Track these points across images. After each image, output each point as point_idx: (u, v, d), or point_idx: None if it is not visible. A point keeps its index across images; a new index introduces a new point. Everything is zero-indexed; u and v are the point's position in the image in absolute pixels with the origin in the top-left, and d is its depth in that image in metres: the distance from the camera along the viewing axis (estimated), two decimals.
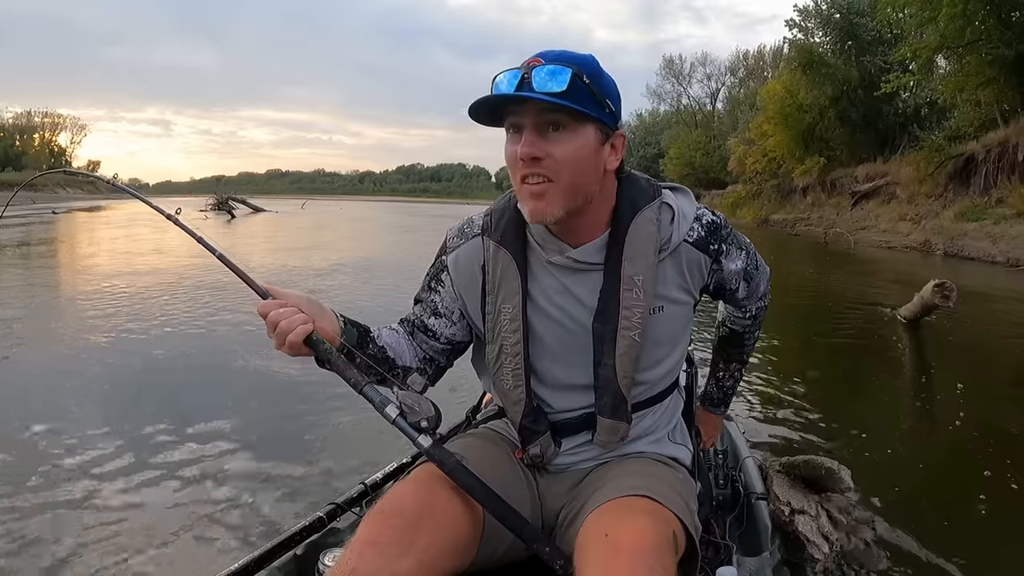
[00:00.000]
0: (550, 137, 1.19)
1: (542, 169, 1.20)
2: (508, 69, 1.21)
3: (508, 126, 1.24)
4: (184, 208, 2.26)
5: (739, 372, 1.78)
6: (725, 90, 57.62)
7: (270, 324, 1.21)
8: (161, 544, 2.49)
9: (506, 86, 1.19)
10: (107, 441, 3.42)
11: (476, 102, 1.20)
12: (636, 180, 1.35)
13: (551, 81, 1.16)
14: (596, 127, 1.22)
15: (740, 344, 1.70)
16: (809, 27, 28.52)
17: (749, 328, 1.65)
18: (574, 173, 1.21)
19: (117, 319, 6.62)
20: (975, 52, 18.38)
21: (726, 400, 1.82)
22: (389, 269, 11.86)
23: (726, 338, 1.71)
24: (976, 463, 3.37)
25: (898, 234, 19.49)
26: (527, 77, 1.17)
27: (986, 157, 17.46)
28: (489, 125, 1.27)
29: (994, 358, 6.03)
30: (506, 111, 1.23)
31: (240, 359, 5.15)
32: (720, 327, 1.71)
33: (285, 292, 1.27)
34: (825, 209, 26.45)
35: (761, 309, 1.61)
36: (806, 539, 2.17)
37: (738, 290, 1.48)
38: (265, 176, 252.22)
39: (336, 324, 1.30)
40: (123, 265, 11.52)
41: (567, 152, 1.19)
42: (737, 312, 1.61)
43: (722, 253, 1.38)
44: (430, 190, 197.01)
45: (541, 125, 1.19)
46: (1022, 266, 12.47)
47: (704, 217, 1.36)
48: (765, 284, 1.56)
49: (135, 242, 16.59)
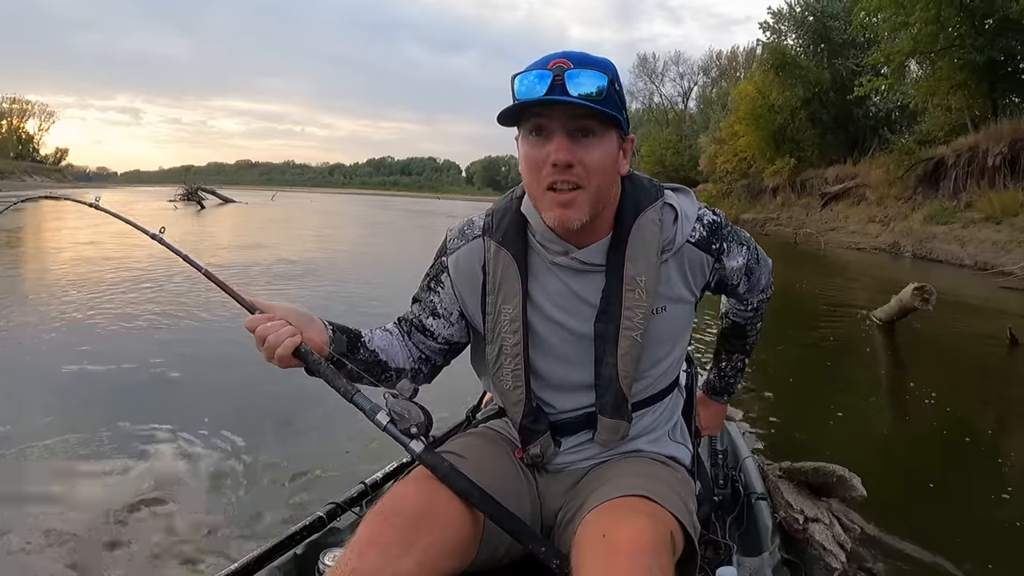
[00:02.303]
0: (581, 143, 1.19)
1: (572, 176, 1.19)
2: (530, 69, 1.19)
3: (531, 129, 1.22)
4: (153, 198, 2.14)
5: (742, 363, 1.79)
6: (698, 89, 58.14)
7: (258, 338, 1.23)
8: (160, 544, 2.50)
9: (538, 88, 1.16)
10: (97, 435, 3.43)
11: (513, 107, 1.19)
12: (639, 181, 1.36)
13: (589, 86, 1.16)
14: (617, 132, 1.24)
15: (743, 335, 1.72)
16: (782, 29, 28.77)
17: (751, 320, 1.67)
18: (601, 179, 1.22)
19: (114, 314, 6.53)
20: (947, 57, 18.66)
21: (728, 389, 1.83)
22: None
23: (729, 329, 1.73)
24: (962, 466, 3.45)
25: (867, 235, 19.67)
26: (559, 80, 1.16)
27: (956, 161, 17.62)
28: (506, 125, 1.26)
29: (966, 360, 6.12)
30: (531, 113, 1.21)
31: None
32: (723, 319, 1.74)
33: (272, 305, 1.29)
34: (795, 209, 26.68)
35: (763, 302, 1.63)
36: (822, 548, 2.12)
37: (739, 286, 1.49)
38: (235, 167, 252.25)
39: (325, 334, 1.31)
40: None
41: (596, 159, 1.20)
42: (739, 305, 1.63)
43: (723, 252, 1.40)
44: (400, 183, 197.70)
45: (572, 131, 1.19)
46: (990, 269, 12.54)
47: (705, 217, 1.38)
48: (767, 277, 1.57)
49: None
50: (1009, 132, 16.20)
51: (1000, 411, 4.70)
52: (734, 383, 1.82)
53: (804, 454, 3.14)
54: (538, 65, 1.20)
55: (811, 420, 4.05)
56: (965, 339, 6.90)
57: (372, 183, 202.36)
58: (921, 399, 4.66)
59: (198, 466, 3.17)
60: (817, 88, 27.14)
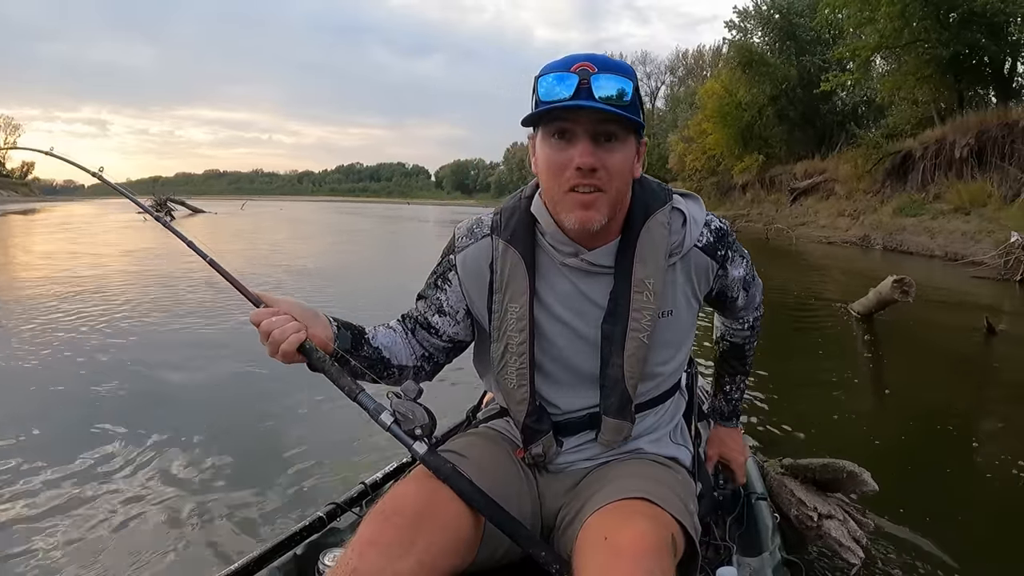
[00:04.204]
0: (605, 147, 1.20)
1: (596, 180, 1.20)
2: (554, 72, 1.19)
3: (554, 132, 1.22)
4: (122, 210, 2.06)
5: (743, 383, 1.78)
6: (665, 89, 58.53)
7: (263, 333, 1.23)
8: (159, 544, 2.49)
9: (563, 91, 1.17)
10: (98, 441, 3.41)
11: (541, 110, 1.19)
12: (649, 184, 1.36)
13: (615, 91, 1.16)
14: (636, 137, 1.25)
15: (742, 356, 1.71)
16: (748, 27, 29.07)
17: (748, 339, 1.68)
18: (621, 183, 1.24)
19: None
20: (913, 52, 18.92)
21: (736, 412, 1.80)
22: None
23: (728, 351, 1.72)
24: (957, 454, 3.48)
25: (837, 229, 19.93)
26: (585, 84, 1.16)
27: (923, 154, 17.85)
28: (527, 126, 1.27)
29: (946, 350, 6.16)
30: (554, 115, 1.20)
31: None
32: (720, 342, 1.73)
33: (277, 299, 1.29)
34: (765, 205, 26.97)
35: (757, 319, 1.64)
36: (839, 544, 2.05)
37: (738, 299, 1.50)
38: (203, 176, 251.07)
39: (330, 330, 1.31)
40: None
41: (618, 163, 1.21)
42: (735, 324, 1.64)
43: (728, 259, 1.40)
44: (369, 190, 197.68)
45: (596, 135, 1.19)
46: (961, 260, 12.64)
47: (712, 223, 1.38)
48: (760, 295, 1.60)
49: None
50: (976, 124, 16.45)
51: (982, 399, 4.75)
52: (740, 404, 1.80)
53: (797, 449, 3.19)
54: (561, 67, 1.19)
55: (799, 415, 4.00)
56: (941, 330, 6.95)
57: (341, 190, 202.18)
58: (906, 390, 4.67)
59: (197, 466, 3.17)
60: (784, 85, 27.45)
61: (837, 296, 8.20)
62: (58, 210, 38.56)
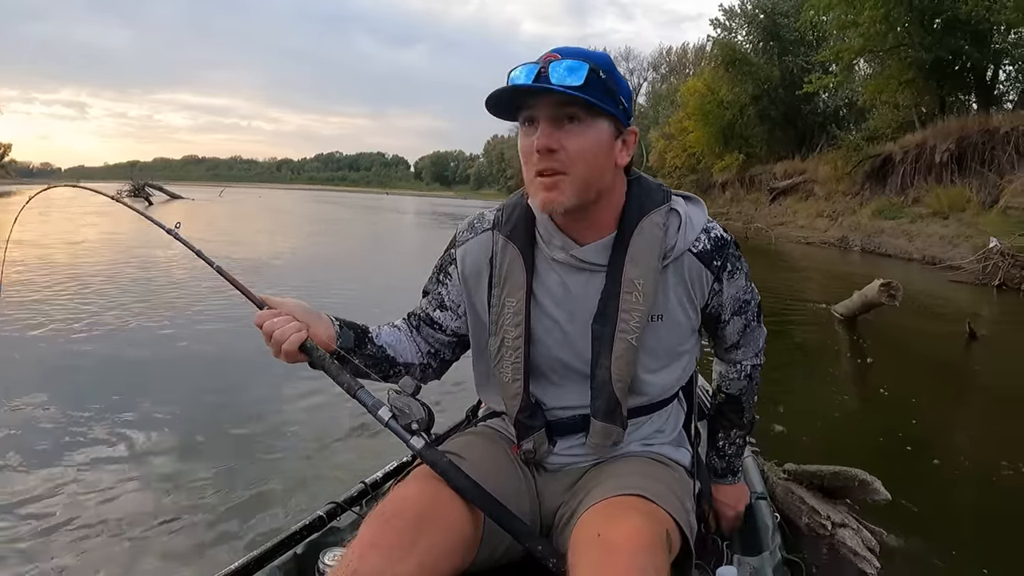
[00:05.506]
0: (566, 129, 1.20)
1: (556, 162, 1.20)
2: (524, 64, 1.22)
3: (523, 120, 1.25)
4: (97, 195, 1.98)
5: (743, 439, 1.66)
6: (647, 85, 58.64)
7: (265, 334, 1.27)
8: (159, 544, 2.50)
9: (523, 79, 1.19)
10: (98, 441, 3.39)
11: (495, 92, 1.20)
12: (646, 183, 1.36)
13: (569, 75, 1.17)
14: (610, 122, 1.24)
15: (740, 409, 1.61)
16: (733, 26, 29.13)
17: (745, 389, 1.59)
18: (587, 166, 1.22)
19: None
20: (896, 56, 19.03)
21: (732, 468, 1.68)
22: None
23: (724, 404, 1.63)
24: (948, 457, 3.49)
25: (816, 230, 20.06)
26: (544, 71, 1.18)
27: (903, 158, 17.95)
28: (502, 118, 1.28)
29: (928, 354, 6.27)
30: (521, 104, 1.23)
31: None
32: (717, 394, 1.64)
33: (280, 301, 1.32)
34: (744, 204, 27.08)
35: (756, 368, 1.58)
36: (854, 553, 2.04)
37: (728, 324, 1.45)
38: (181, 162, 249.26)
39: (332, 329, 1.34)
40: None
41: (581, 145, 1.20)
42: (731, 371, 1.57)
43: (724, 271, 1.36)
44: (348, 179, 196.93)
45: (557, 118, 1.20)
46: (939, 264, 12.72)
47: (713, 231, 1.35)
48: (763, 340, 1.56)
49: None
50: (956, 129, 16.53)
51: (963, 403, 4.83)
52: (737, 460, 1.68)
53: (789, 452, 3.12)
54: (533, 60, 1.22)
55: (790, 418, 3.97)
56: (923, 335, 6.99)
57: (320, 178, 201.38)
58: (892, 392, 4.69)
59: (196, 465, 3.15)
60: (766, 85, 27.50)
61: (820, 297, 8.25)
62: (32, 192, 38.26)
